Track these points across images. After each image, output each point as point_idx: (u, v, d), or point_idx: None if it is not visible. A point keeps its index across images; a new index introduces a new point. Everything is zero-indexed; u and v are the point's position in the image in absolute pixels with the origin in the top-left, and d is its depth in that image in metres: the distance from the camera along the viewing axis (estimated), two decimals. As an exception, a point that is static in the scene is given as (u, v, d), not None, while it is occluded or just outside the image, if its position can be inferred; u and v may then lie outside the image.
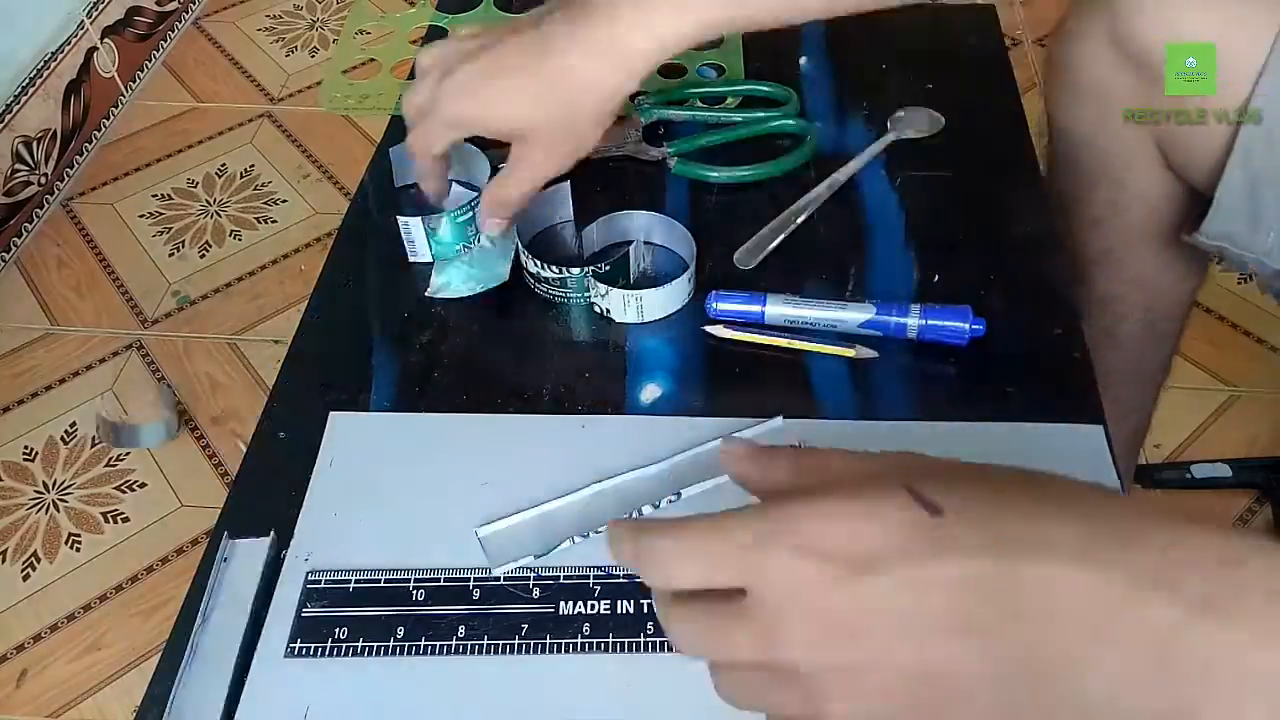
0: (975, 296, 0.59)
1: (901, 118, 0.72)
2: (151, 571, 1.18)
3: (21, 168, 1.52)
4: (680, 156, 0.70)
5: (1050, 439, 0.54)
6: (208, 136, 1.69)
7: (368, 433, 0.56)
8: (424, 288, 0.63)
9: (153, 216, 1.57)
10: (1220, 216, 0.64)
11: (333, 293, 0.64)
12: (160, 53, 1.84)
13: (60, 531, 1.21)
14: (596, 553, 0.49)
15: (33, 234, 1.55)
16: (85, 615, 1.15)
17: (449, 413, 0.57)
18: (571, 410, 0.57)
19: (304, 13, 1.93)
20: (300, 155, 1.65)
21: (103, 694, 1.09)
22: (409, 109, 0.57)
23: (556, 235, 0.66)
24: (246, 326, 1.42)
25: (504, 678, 0.46)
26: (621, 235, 0.65)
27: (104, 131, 1.70)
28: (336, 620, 0.48)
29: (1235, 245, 0.65)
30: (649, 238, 0.65)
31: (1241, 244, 0.65)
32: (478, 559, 0.50)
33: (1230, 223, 0.64)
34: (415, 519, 0.52)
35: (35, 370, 1.38)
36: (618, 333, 0.61)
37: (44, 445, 1.29)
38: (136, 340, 1.41)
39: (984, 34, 0.80)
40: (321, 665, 0.47)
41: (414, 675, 0.47)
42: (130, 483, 1.26)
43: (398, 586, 0.49)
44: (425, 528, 0.52)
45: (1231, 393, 1.29)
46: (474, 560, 0.50)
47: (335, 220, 1.44)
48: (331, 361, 0.60)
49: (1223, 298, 1.38)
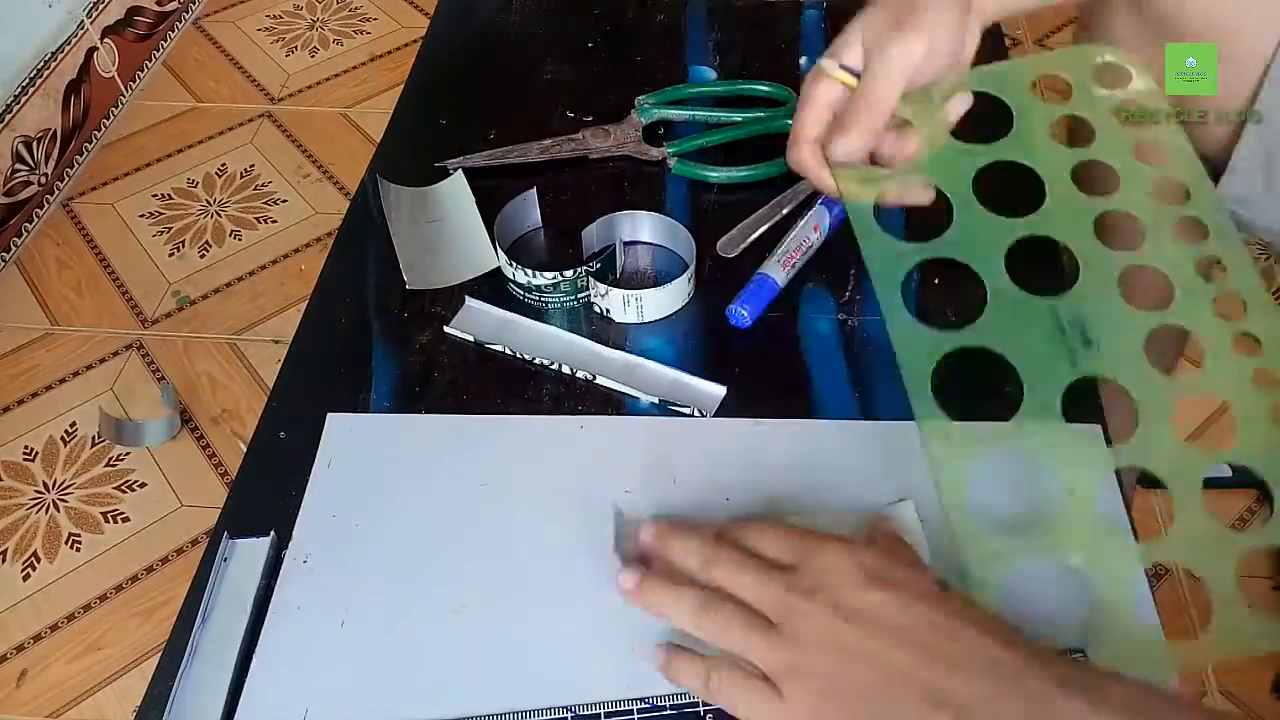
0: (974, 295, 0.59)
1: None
2: (151, 571, 1.18)
3: (21, 168, 1.52)
4: (680, 156, 0.70)
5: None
6: (208, 136, 1.69)
7: (366, 433, 0.56)
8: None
9: (153, 216, 1.57)
10: (1235, 180, 0.64)
11: (333, 293, 0.64)
12: (160, 53, 1.84)
13: (60, 531, 1.21)
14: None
15: (33, 234, 1.55)
16: (85, 615, 1.15)
17: (448, 414, 0.57)
18: (571, 411, 0.57)
19: (304, 13, 1.93)
20: (300, 155, 1.65)
21: (103, 694, 1.09)
22: None
23: (528, 244, 0.66)
24: (246, 326, 1.42)
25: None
26: (619, 236, 0.65)
27: (104, 131, 1.70)
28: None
29: (1248, 210, 0.65)
30: (649, 238, 0.65)
31: (1255, 207, 0.65)
32: (469, 577, 0.50)
33: (1244, 186, 0.64)
34: (414, 519, 0.52)
35: (35, 370, 1.38)
36: (617, 333, 0.61)
37: (44, 445, 1.30)
38: (136, 340, 1.41)
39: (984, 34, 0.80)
40: (321, 665, 0.47)
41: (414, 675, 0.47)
42: (130, 483, 1.26)
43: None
44: (424, 528, 0.52)
45: (1231, 392, 1.28)
46: (464, 576, 0.50)
47: (335, 220, 1.45)
48: (331, 361, 0.60)
49: (1223, 297, 1.38)
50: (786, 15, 0.82)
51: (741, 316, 0.60)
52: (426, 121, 0.75)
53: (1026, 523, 0.49)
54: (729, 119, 0.73)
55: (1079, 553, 0.47)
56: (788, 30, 0.81)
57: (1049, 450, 0.48)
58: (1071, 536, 0.47)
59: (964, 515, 0.46)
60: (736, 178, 0.69)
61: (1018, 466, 0.50)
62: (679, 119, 0.74)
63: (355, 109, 1.73)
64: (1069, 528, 0.47)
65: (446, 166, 0.70)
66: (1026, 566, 0.46)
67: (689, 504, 0.52)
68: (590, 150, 0.71)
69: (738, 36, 0.81)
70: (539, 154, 0.70)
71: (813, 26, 0.81)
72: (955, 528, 0.46)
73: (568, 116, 0.74)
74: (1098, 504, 0.48)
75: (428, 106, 0.77)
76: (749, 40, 0.80)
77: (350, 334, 0.61)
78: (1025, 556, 0.46)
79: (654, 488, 0.53)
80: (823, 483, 0.52)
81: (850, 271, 0.63)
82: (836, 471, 0.53)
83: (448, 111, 0.76)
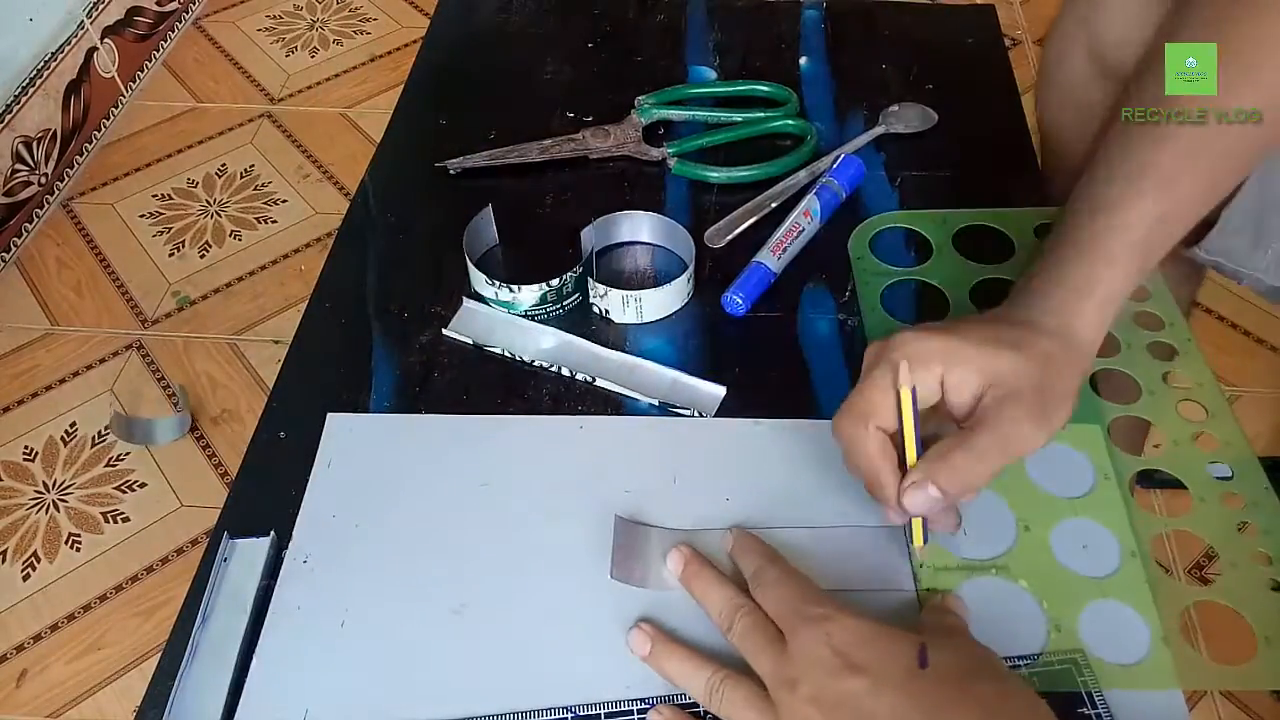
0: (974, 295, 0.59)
1: (894, 112, 0.73)
2: (151, 571, 1.18)
3: (21, 168, 1.52)
4: (680, 156, 0.70)
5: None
6: (208, 136, 1.69)
7: (366, 433, 0.56)
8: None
9: (153, 216, 1.57)
10: (1222, 237, 0.64)
11: (333, 293, 0.64)
12: (160, 53, 1.84)
13: (60, 531, 1.21)
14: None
15: (33, 234, 1.55)
16: (85, 615, 1.15)
17: (448, 414, 0.57)
18: (571, 411, 0.57)
19: (304, 13, 1.93)
20: (300, 155, 1.65)
21: (103, 694, 1.09)
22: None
23: (490, 260, 0.65)
24: (246, 326, 1.42)
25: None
26: (619, 236, 0.65)
27: (104, 131, 1.70)
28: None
29: (1232, 261, 0.65)
30: (649, 238, 0.65)
31: (1239, 260, 0.65)
32: (468, 578, 0.50)
33: (1230, 241, 0.64)
34: (414, 519, 0.52)
35: (35, 370, 1.38)
36: (617, 333, 0.61)
37: (44, 445, 1.30)
38: (136, 340, 1.41)
39: (983, 33, 0.80)
40: (321, 665, 0.47)
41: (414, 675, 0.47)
42: (130, 483, 1.26)
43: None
44: (424, 528, 0.52)
45: (1231, 393, 1.29)
46: (464, 576, 0.50)
47: (335, 220, 1.45)
48: (331, 362, 0.60)
49: (1223, 298, 1.38)
50: (786, 15, 0.82)
51: (736, 304, 0.60)
52: (426, 121, 0.75)
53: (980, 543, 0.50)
54: (729, 119, 0.73)
55: (1026, 580, 0.48)
56: (788, 30, 0.81)
57: (1049, 449, 0.48)
58: (1022, 568, 0.49)
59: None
60: (736, 178, 0.69)
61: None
62: (679, 119, 0.74)
63: (355, 109, 1.73)
64: (1021, 560, 0.49)
65: (447, 166, 0.70)
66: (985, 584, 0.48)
67: (689, 504, 0.52)
68: (590, 150, 0.71)
69: (738, 36, 0.81)
70: (539, 154, 0.70)
71: (813, 26, 0.81)
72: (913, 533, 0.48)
73: (568, 116, 0.74)
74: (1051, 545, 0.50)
75: (428, 106, 0.77)
76: (749, 40, 0.80)
77: (350, 334, 0.61)
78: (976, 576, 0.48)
79: (654, 488, 0.53)
80: (822, 483, 0.52)
81: (850, 272, 0.63)
82: (836, 471, 0.53)
83: (448, 111, 0.76)
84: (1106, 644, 0.46)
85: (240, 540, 0.51)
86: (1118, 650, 0.46)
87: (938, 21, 0.82)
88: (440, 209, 0.68)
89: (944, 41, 0.80)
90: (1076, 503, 0.51)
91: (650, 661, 0.46)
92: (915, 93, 0.74)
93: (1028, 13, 1.85)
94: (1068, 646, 0.46)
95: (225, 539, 0.51)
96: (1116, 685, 0.44)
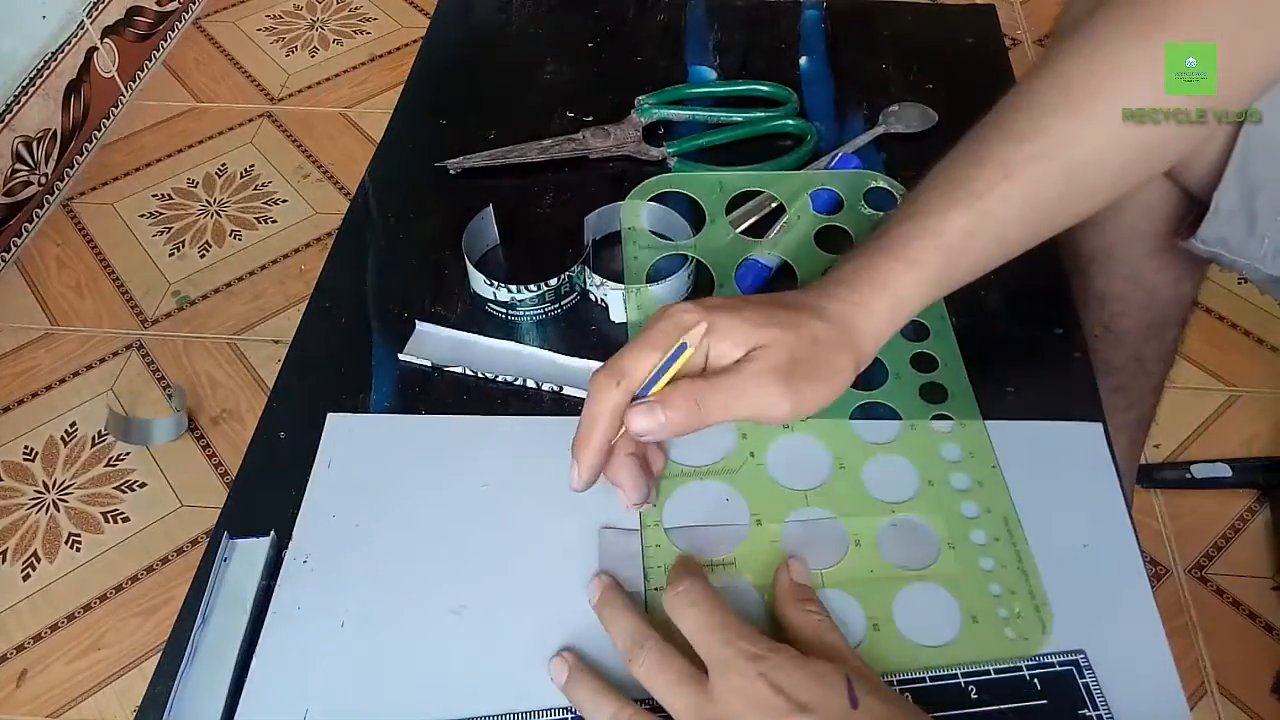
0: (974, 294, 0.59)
1: (894, 112, 0.73)
2: (151, 571, 1.18)
3: (21, 168, 1.52)
4: (680, 156, 0.70)
5: (1050, 437, 0.54)
6: (208, 136, 1.69)
7: (366, 434, 0.56)
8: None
9: (153, 216, 1.57)
10: (1216, 222, 0.64)
11: (333, 293, 0.64)
12: (160, 53, 1.84)
13: (60, 531, 1.21)
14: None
15: (33, 234, 1.55)
16: (85, 615, 1.15)
17: (448, 414, 0.57)
18: (571, 412, 0.57)
19: (304, 13, 1.93)
20: (300, 155, 1.65)
21: (103, 694, 1.09)
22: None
23: (490, 261, 0.65)
24: (246, 326, 1.42)
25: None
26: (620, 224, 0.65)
27: (104, 131, 1.70)
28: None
29: (1229, 251, 0.65)
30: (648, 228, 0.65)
31: (1236, 249, 0.65)
32: (468, 578, 0.50)
33: (1225, 228, 0.64)
34: (414, 520, 0.52)
35: (35, 370, 1.38)
36: (617, 330, 0.61)
37: (44, 445, 1.30)
38: (136, 340, 1.41)
39: (984, 33, 0.80)
40: (321, 665, 0.47)
41: (414, 675, 0.47)
42: (130, 483, 1.26)
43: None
44: (424, 528, 0.52)
45: (1231, 393, 1.29)
46: (464, 576, 0.50)
47: (335, 220, 1.45)
48: (331, 362, 0.60)
49: (1223, 298, 1.38)
50: (786, 15, 0.82)
51: None
52: (426, 121, 0.75)
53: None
54: (729, 119, 0.73)
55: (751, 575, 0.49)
56: (788, 30, 0.81)
57: (1049, 448, 0.49)
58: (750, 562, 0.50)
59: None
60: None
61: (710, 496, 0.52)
62: (679, 119, 0.74)
63: (355, 109, 1.73)
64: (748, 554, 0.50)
65: (446, 166, 0.70)
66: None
67: (688, 503, 0.52)
68: (590, 150, 0.71)
69: (738, 36, 0.81)
70: (539, 154, 0.70)
71: (813, 26, 0.81)
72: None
73: (568, 116, 0.74)
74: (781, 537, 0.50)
75: (428, 106, 0.77)
76: (749, 40, 0.80)
77: (350, 334, 0.61)
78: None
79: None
80: (822, 483, 0.52)
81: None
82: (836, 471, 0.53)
83: (448, 111, 0.76)
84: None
85: (240, 540, 0.51)
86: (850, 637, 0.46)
87: (938, 21, 0.82)
88: (440, 209, 0.68)
89: (944, 41, 0.80)
90: (811, 494, 0.52)
91: (565, 690, 0.45)
92: (915, 93, 0.74)
93: (1028, 13, 1.85)
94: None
95: (225, 539, 0.51)
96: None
